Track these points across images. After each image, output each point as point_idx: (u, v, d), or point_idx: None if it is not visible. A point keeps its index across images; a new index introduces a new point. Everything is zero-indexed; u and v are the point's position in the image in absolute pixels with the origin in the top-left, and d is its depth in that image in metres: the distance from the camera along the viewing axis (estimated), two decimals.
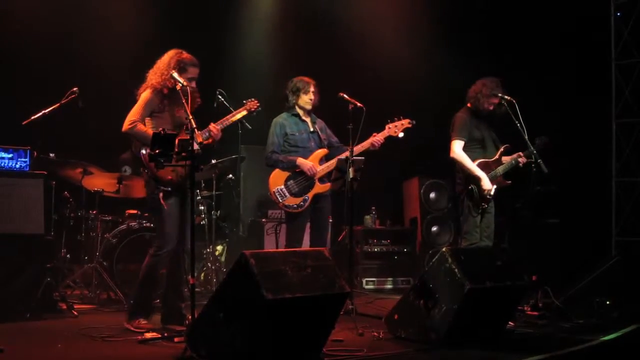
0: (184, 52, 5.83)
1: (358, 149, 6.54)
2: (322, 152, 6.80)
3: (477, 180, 6.60)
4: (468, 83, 6.90)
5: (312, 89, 6.82)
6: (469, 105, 6.84)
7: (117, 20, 8.54)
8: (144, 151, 5.50)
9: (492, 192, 6.63)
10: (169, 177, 5.61)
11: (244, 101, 6.16)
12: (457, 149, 6.69)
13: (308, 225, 6.86)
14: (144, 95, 5.73)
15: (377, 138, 6.66)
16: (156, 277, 5.76)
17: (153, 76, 5.78)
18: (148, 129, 5.58)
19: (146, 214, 7.50)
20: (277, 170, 6.72)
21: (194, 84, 5.81)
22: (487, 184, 6.59)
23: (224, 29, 9.51)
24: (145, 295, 5.75)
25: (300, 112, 6.88)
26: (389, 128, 6.71)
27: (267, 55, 9.74)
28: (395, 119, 6.72)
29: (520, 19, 9.10)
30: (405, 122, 6.71)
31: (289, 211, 6.68)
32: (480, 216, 6.66)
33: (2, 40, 7.95)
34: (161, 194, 5.61)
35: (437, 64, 9.42)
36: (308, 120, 6.92)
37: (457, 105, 6.90)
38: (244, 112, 6.09)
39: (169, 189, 5.64)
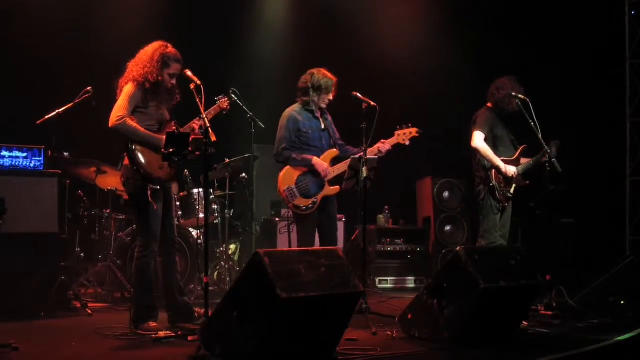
0: (169, 45, 5.60)
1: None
2: (333, 152, 6.56)
3: (498, 168, 6.56)
4: (483, 83, 6.87)
5: (334, 89, 6.54)
6: (489, 105, 6.83)
7: (131, 20, 8.53)
8: (132, 145, 5.39)
9: (516, 174, 6.59)
10: (159, 175, 5.48)
11: (215, 98, 5.92)
12: (479, 139, 6.66)
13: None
14: (127, 88, 5.49)
15: (385, 146, 6.43)
16: (150, 276, 5.59)
17: (135, 68, 5.54)
18: (137, 124, 5.43)
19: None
20: (287, 168, 6.47)
21: (174, 81, 5.63)
22: (510, 169, 6.55)
23: (236, 28, 9.52)
24: (146, 297, 5.58)
25: (315, 108, 6.61)
26: (398, 135, 6.45)
27: (279, 54, 9.74)
28: (404, 126, 6.45)
29: (534, 18, 9.09)
30: (414, 131, 6.44)
31: (297, 212, 6.46)
32: (500, 215, 6.64)
33: (16, 40, 8.00)
34: (149, 192, 5.45)
35: (452, 64, 9.41)
36: (320, 117, 6.66)
37: (473, 105, 6.84)
38: (218, 110, 5.89)
39: (158, 187, 5.52)
